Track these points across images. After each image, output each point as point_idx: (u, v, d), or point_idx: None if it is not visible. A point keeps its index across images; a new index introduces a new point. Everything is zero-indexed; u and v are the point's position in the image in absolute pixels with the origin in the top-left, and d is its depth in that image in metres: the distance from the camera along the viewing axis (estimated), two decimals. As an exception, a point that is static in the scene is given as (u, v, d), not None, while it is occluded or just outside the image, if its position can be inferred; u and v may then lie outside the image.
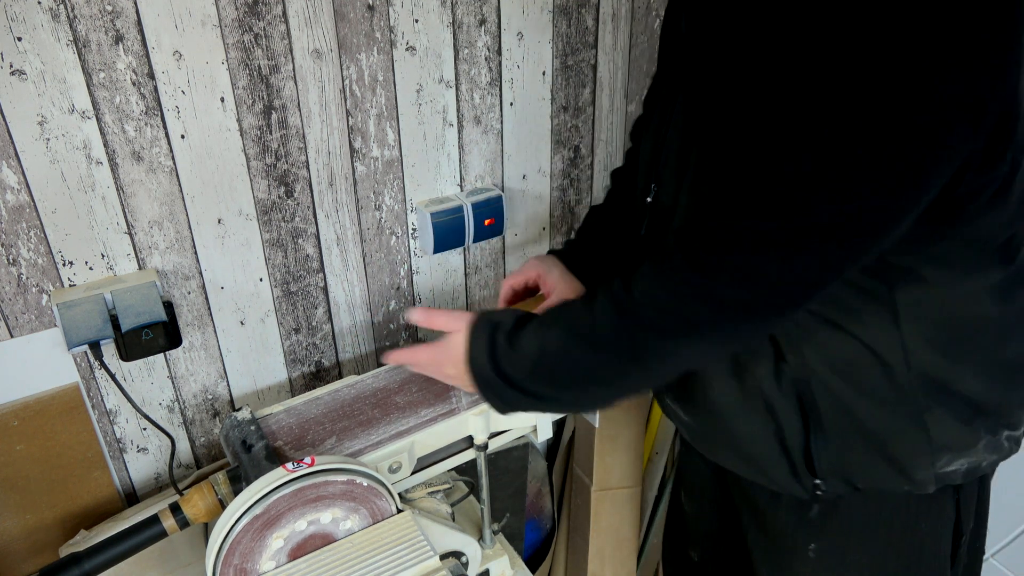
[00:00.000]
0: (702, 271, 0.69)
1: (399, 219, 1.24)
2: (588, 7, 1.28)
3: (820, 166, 0.63)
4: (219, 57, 0.99)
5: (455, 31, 1.16)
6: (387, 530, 0.84)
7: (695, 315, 0.70)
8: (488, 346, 0.81)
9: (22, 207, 0.94)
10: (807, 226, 0.65)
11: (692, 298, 0.69)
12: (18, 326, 1.00)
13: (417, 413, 0.98)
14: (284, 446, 0.93)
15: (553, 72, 1.29)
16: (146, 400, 1.12)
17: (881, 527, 0.90)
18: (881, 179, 0.62)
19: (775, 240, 0.66)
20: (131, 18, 0.92)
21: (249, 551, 0.79)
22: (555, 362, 0.77)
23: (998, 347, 0.79)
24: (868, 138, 0.61)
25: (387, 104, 1.15)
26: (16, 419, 1.02)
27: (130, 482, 1.16)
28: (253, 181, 1.08)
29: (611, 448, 1.48)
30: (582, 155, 1.40)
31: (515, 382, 0.80)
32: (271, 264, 1.14)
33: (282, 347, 1.21)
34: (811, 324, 0.80)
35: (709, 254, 0.68)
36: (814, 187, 0.63)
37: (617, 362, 0.74)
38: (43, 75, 0.90)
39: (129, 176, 0.99)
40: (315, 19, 1.04)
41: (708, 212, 0.70)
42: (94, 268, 1.01)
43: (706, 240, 0.69)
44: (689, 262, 0.70)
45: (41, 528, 1.09)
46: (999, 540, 1.50)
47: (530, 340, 0.79)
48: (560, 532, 1.66)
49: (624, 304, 0.73)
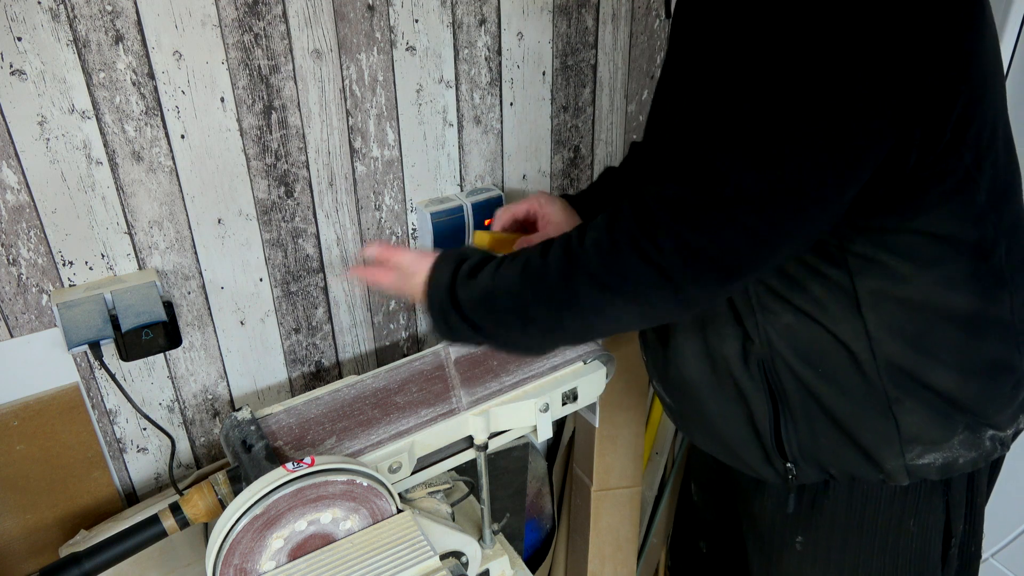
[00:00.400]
0: (645, 234, 0.69)
1: (399, 219, 1.24)
2: (588, 7, 1.28)
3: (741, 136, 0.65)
4: (219, 57, 0.99)
5: (455, 31, 1.16)
6: (387, 530, 0.84)
7: (631, 272, 0.70)
8: (451, 273, 0.83)
9: (22, 207, 0.94)
10: (730, 197, 0.66)
11: (629, 255, 0.70)
12: (18, 326, 1.00)
13: (417, 413, 0.98)
14: (284, 446, 0.93)
15: (553, 72, 1.29)
16: (146, 400, 1.12)
17: (866, 523, 0.90)
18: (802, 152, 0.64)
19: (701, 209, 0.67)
20: (131, 18, 0.92)
21: (249, 551, 0.79)
22: (501, 297, 0.79)
23: (972, 343, 0.80)
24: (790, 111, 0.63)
25: (387, 104, 1.15)
26: (16, 419, 1.02)
27: (130, 482, 1.16)
28: (253, 181, 1.08)
29: (611, 448, 1.48)
30: (582, 155, 1.40)
31: (464, 310, 0.81)
32: (271, 264, 1.14)
33: (282, 347, 1.21)
34: (776, 307, 0.81)
35: (649, 218, 0.69)
36: (735, 156, 0.65)
37: (555, 307, 0.75)
38: (43, 75, 0.90)
39: (129, 176, 0.99)
40: (315, 19, 1.04)
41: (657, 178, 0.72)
42: (94, 268, 1.01)
43: (649, 204, 0.70)
44: (636, 223, 0.70)
45: (41, 528, 1.09)
46: (999, 540, 1.50)
47: (487, 274, 0.81)
48: (560, 532, 1.66)
49: (574, 252, 0.74)
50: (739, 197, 0.65)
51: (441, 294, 0.83)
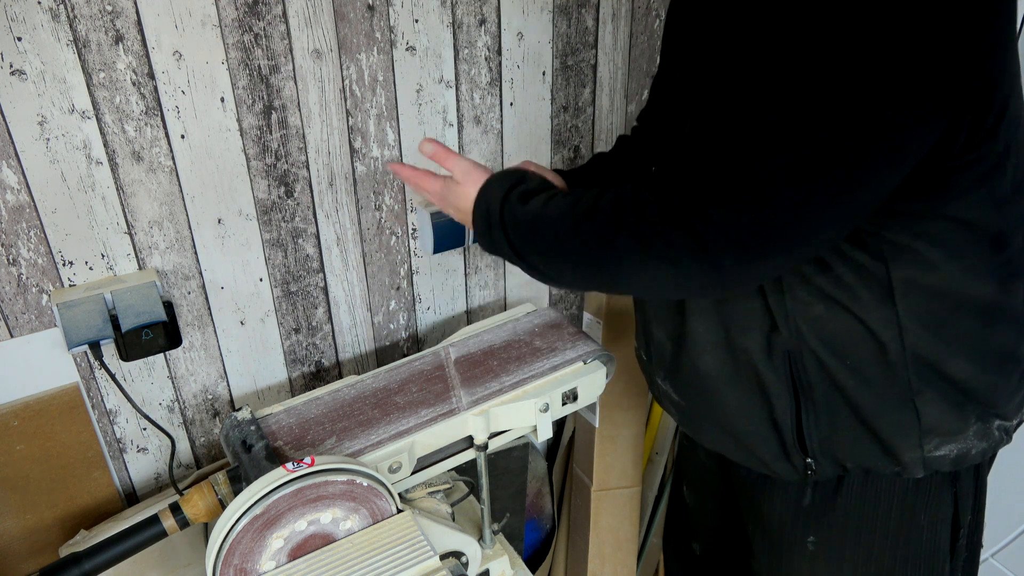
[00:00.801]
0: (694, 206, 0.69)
1: (399, 219, 1.24)
2: (588, 7, 1.28)
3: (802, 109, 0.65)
4: (219, 57, 0.99)
5: (455, 31, 1.16)
6: (387, 530, 0.84)
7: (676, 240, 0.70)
8: (504, 192, 0.84)
9: (22, 207, 0.94)
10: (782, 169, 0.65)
11: (678, 224, 0.69)
12: (18, 326, 1.00)
13: (417, 413, 0.98)
14: (284, 446, 0.93)
15: (553, 72, 1.29)
16: (146, 400, 1.12)
17: (879, 519, 0.90)
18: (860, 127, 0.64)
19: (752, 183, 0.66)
20: (131, 18, 0.92)
21: (249, 551, 0.79)
22: (546, 228, 0.79)
23: (986, 333, 0.80)
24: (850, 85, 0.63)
25: (387, 104, 1.15)
26: (16, 419, 1.02)
27: (130, 482, 1.16)
28: (253, 181, 1.08)
29: (611, 448, 1.48)
30: (582, 155, 1.40)
31: (509, 231, 0.82)
32: (271, 264, 1.14)
33: (282, 347, 1.21)
34: (807, 297, 0.81)
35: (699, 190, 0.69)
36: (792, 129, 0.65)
37: (594, 252, 0.76)
38: (43, 75, 0.90)
39: (129, 176, 0.99)
40: (315, 19, 1.04)
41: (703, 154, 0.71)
42: (94, 268, 1.01)
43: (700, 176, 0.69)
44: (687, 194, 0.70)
45: (41, 528, 1.09)
46: (999, 540, 1.50)
47: (539, 202, 0.82)
48: (560, 532, 1.66)
49: (625, 206, 0.74)
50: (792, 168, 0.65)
51: (492, 210, 0.84)
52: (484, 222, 0.85)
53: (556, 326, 1.14)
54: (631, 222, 0.72)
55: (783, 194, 0.65)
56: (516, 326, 1.15)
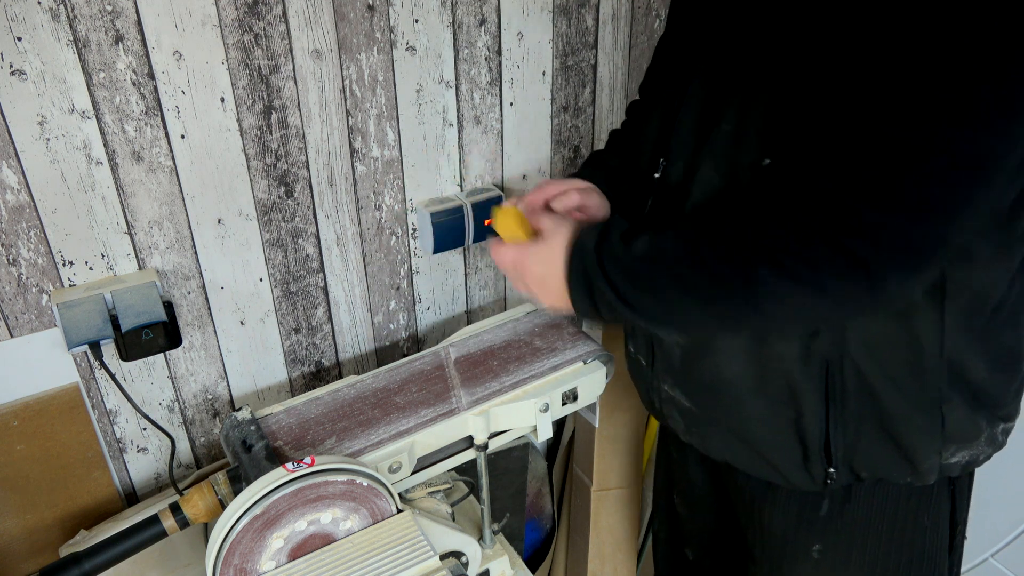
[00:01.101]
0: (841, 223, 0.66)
1: (399, 219, 1.24)
2: (588, 7, 1.28)
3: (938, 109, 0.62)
4: (219, 57, 0.99)
5: (455, 31, 1.16)
6: (387, 530, 0.84)
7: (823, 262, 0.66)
8: (598, 237, 0.78)
9: (22, 207, 0.94)
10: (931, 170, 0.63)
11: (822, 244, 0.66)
12: (18, 326, 1.00)
13: (417, 413, 0.98)
14: (284, 446, 0.93)
15: (553, 72, 1.29)
16: (146, 400, 1.12)
17: (885, 523, 0.90)
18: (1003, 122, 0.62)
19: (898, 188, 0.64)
20: (131, 18, 0.92)
21: (249, 551, 0.79)
22: (660, 266, 0.74)
23: (995, 331, 0.80)
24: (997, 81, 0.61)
25: (387, 104, 1.15)
26: (16, 419, 1.02)
27: (130, 482, 1.16)
28: (253, 181, 1.08)
29: (611, 448, 1.48)
30: (582, 155, 1.40)
31: (611, 277, 0.75)
32: (271, 264, 1.14)
33: (282, 347, 1.21)
34: None
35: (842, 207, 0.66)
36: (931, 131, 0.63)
37: (722, 284, 0.70)
38: (43, 75, 0.90)
39: (129, 176, 0.99)
40: (315, 19, 1.04)
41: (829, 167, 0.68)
42: (94, 268, 1.01)
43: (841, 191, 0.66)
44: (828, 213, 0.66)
45: (41, 528, 1.09)
46: (999, 540, 1.50)
47: (643, 241, 0.76)
48: (560, 532, 1.66)
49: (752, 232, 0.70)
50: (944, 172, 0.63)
51: (587, 258, 0.77)
52: (579, 274, 0.78)
53: (556, 326, 1.14)
54: (770, 251, 0.68)
55: (937, 199, 0.63)
56: (516, 326, 1.15)
